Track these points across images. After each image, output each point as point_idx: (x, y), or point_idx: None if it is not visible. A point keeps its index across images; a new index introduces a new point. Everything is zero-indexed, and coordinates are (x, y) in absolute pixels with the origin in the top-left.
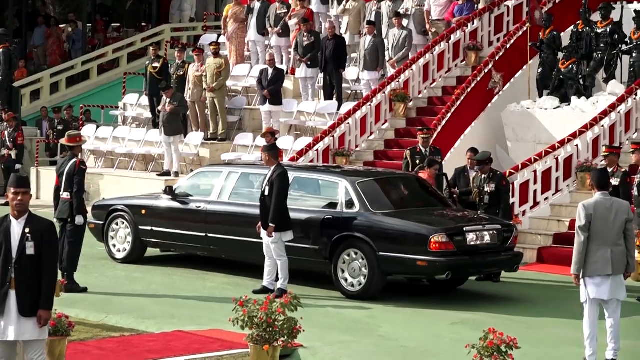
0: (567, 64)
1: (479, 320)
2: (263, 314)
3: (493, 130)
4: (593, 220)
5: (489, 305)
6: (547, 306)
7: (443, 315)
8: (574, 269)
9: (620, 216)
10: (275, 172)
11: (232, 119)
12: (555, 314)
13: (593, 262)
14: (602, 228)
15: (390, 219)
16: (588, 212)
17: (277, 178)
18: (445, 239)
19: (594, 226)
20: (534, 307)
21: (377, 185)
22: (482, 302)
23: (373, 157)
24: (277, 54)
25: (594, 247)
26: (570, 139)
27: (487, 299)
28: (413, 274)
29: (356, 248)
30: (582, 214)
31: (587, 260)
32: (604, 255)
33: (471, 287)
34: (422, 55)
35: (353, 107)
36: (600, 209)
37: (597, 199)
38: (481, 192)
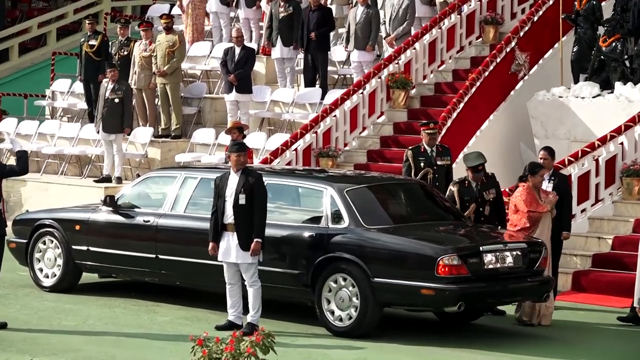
0: (609, 41)
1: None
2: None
3: (516, 124)
4: None
5: (511, 345)
6: (587, 346)
7: (454, 358)
8: (636, 300)
9: None
10: (252, 177)
11: (189, 110)
12: (598, 356)
13: None
14: None
15: (387, 237)
16: None
17: (258, 184)
18: (457, 262)
19: None
20: (569, 348)
21: (371, 193)
22: (503, 341)
23: (366, 158)
24: (245, 29)
25: None
26: (614, 136)
27: (508, 337)
28: (416, 305)
29: (345, 273)
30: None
31: None
32: None
33: (489, 321)
34: (428, 31)
35: (341, 96)
36: None
37: None
38: (481, 203)
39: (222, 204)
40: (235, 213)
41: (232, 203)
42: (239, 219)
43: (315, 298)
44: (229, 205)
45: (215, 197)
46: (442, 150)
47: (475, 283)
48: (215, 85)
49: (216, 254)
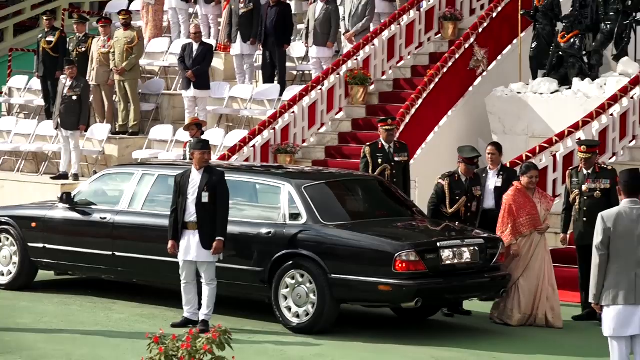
0: (567, 37)
1: (457, 359)
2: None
3: (475, 120)
4: (613, 235)
5: (469, 340)
6: (546, 341)
7: (411, 353)
8: (592, 296)
9: None
10: (215, 175)
11: (147, 107)
12: (556, 350)
13: (613, 288)
14: (624, 245)
15: (345, 233)
16: (606, 226)
17: (221, 182)
18: (415, 258)
19: (615, 243)
20: (527, 342)
21: (329, 190)
22: (461, 336)
23: (324, 154)
24: (203, 25)
25: (615, 269)
26: (572, 132)
27: (467, 332)
28: (374, 301)
29: (302, 269)
30: (600, 227)
31: (606, 285)
32: (627, 280)
33: (447, 317)
34: (387, 27)
35: (299, 92)
36: (623, 221)
37: (620, 209)
38: (469, 199)
39: (183, 202)
40: (198, 211)
41: (195, 201)
42: (201, 217)
43: (272, 295)
44: (190, 203)
45: (176, 195)
46: (400, 147)
47: (432, 279)
48: (173, 81)
49: (176, 252)
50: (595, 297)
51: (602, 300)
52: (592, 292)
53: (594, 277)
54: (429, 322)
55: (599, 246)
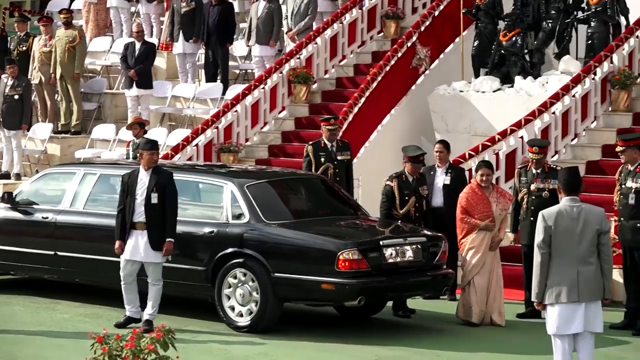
0: (509, 35)
1: (401, 357)
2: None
3: (417, 119)
4: (554, 233)
5: (413, 338)
6: (489, 338)
7: (356, 352)
8: (534, 295)
9: (590, 227)
10: (164, 175)
11: (89, 106)
12: (499, 348)
13: (556, 287)
14: (565, 243)
15: (288, 232)
16: (547, 225)
17: (169, 183)
18: (357, 256)
19: (556, 241)
20: (471, 340)
21: (272, 189)
22: (405, 334)
23: (267, 153)
24: (146, 24)
25: (557, 267)
26: (514, 130)
27: (411, 330)
28: (317, 299)
29: (245, 268)
30: (541, 226)
31: (549, 284)
32: (569, 278)
33: (389, 315)
34: (330, 25)
35: (242, 91)
36: (563, 220)
37: (560, 207)
38: (418, 199)
39: (131, 202)
40: (147, 212)
41: (144, 202)
42: (150, 218)
43: (215, 294)
44: (139, 203)
45: (123, 195)
46: (342, 145)
47: (375, 277)
48: (116, 80)
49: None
50: (537, 296)
51: (546, 299)
52: (535, 290)
53: (535, 275)
54: (374, 320)
55: (541, 245)
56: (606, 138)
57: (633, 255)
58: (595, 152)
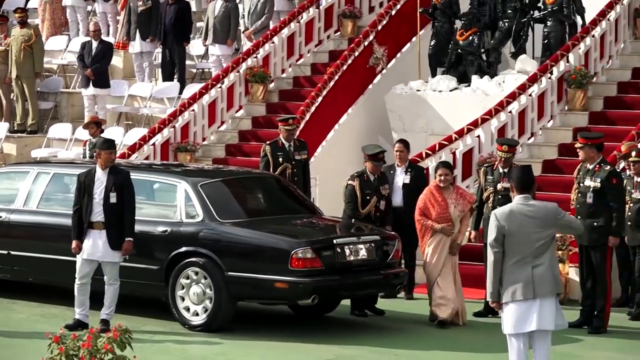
0: (466, 34)
1: (359, 356)
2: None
3: (375, 118)
4: (507, 232)
5: (371, 338)
6: (446, 337)
7: (313, 351)
8: (489, 294)
9: (543, 224)
10: (121, 175)
11: (46, 105)
12: (456, 347)
13: (512, 285)
14: (519, 242)
15: (241, 230)
16: (500, 224)
17: (127, 182)
18: (311, 255)
19: (510, 240)
20: (428, 339)
21: (226, 187)
22: (363, 333)
23: (225, 152)
24: (102, 23)
25: (511, 266)
26: (471, 129)
27: (368, 329)
28: (270, 298)
29: (199, 267)
30: (493, 225)
31: (504, 283)
32: (524, 276)
33: (343, 314)
34: (287, 24)
35: (199, 90)
36: (517, 219)
37: (513, 206)
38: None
39: (89, 202)
40: (106, 212)
41: (102, 201)
42: (109, 218)
43: (169, 293)
44: (97, 203)
45: (80, 195)
46: (300, 145)
47: (328, 276)
48: (72, 79)
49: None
50: (492, 295)
51: (502, 298)
52: (489, 290)
53: (489, 275)
54: (331, 319)
55: (493, 244)
56: (562, 137)
57: (589, 254)
58: (552, 151)
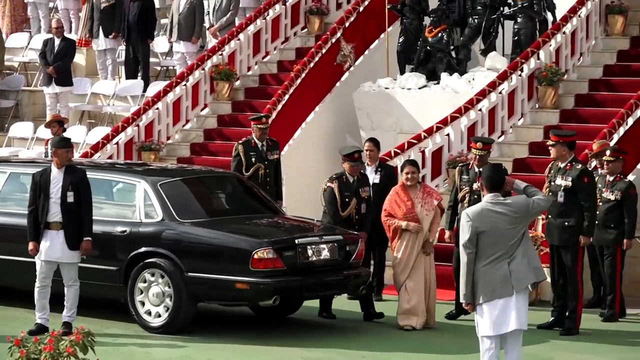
0: (435, 31)
1: (327, 359)
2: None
3: (342, 116)
4: (481, 232)
5: (337, 339)
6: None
7: (280, 354)
8: (462, 296)
9: (520, 219)
10: (78, 173)
11: (7, 103)
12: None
13: (487, 286)
14: (493, 241)
15: (202, 230)
16: (473, 224)
17: (84, 180)
18: (272, 255)
19: (484, 240)
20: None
21: (186, 187)
22: (330, 336)
23: (189, 151)
24: (65, 20)
25: (485, 266)
26: (440, 127)
27: (334, 331)
28: (231, 299)
29: (158, 268)
30: (466, 225)
31: (481, 284)
32: (500, 275)
33: (312, 316)
34: (252, 21)
35: (163, 88)
36: (489, 217)
37: (483, 205)
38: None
39: (45, 202)
40: (63, 211)
41: (59, 201)
42: (66, 218)
43: (128, 294)
44: (54, 203)
45: (35, 194)
46: (272, 145)
47: (290, 276)
48: (34, 77)
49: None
50: (465, 297)
51: (479, 299)
52: (462, 291)
53: (463, 276)
54: (294, 321)
55: (467, 244)
56: (533, 135)
57: (560, 254)
58: (522, 150)
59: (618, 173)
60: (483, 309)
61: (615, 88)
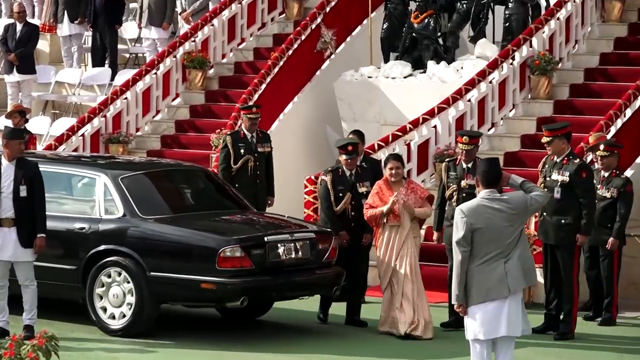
0: (421, 17)
1: None
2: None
3: (323, 106)
4: (476, 230)
5: (316, 344)
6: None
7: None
8: (454, 297)
9: (519, 216)
10: (30, 166)
11: None
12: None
13: (482, 286)
14: (491, 239)
15: (166, 227)
16: (468, 220)
17: (36, 174)
18: (240, 253)
19: (479, 238)
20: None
21: (150, 181)
22: (301, 338)
23: (160, 144)
24: (27, 4)
25: (480, 265)
26: (427, 119)
27: (308, 334)
28: (196, 300)
29: (119, 267)
30: (461, 222)
31: (475, 284)
32: (496, 275)
33: (283, 317)
34: (227, 6)
35: (132, 77)
36: (485, 214)
37: (479, 202)
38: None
39: None
40: (16, 207)
41: (12, 196)
42: (19, 214)
43: (87, 295)
44: (5, 198)
45: None
46: (263, 137)
47: (259, 276)
48: None
49: None
50: (458, 298)
51: (471, 300)
52: (455, 292)
53: (456, 276)
54: (269, 324)
55: (462, 242)
56: (526, 127)
57: (555, 254)
58: (514, 143)
59: (613, 169)
60: (475, 310)
61: (612, 77)
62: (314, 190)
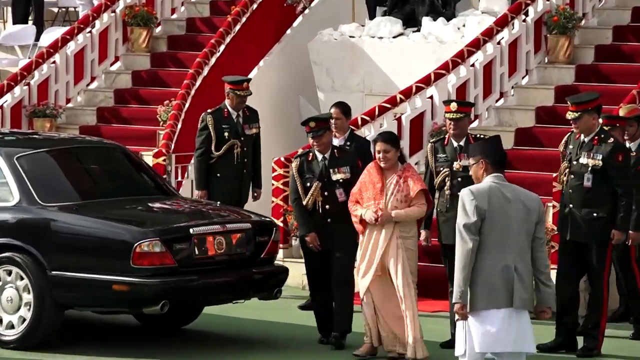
0: None
1: None
2: None
3: (294, 73)
4: (487, 217)
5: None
6: None
7: None
8: (457, 295)
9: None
10: None
11: None
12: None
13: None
14: (500, 232)
15: (70, 217)
16: (478, 204)
17: None
18: (160, 248)
19: (489, 228)
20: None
21: (53, 161)
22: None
23: (96, 118)
24: None
25: (486, 262)
26: (421, 87)
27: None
28: (107, 305)
29: (12, 264)
30: (470, 206)
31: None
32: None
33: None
34: None
35: (62, 36)
36: (497, 201)
37: (491, 184)
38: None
39: None
40: None
41: None
42: None
43: None
44: None
45: None
46: (250, 115)
47: (183, 276)
48: None
49: None
50: (462, 296)
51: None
52: (459, 288)
53: (461, 269)
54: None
55: (472, 228)
56: (542, 98)
57: (582, 253)
58: (528, 117)
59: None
60: (478, 317)
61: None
62: (284, 175)
